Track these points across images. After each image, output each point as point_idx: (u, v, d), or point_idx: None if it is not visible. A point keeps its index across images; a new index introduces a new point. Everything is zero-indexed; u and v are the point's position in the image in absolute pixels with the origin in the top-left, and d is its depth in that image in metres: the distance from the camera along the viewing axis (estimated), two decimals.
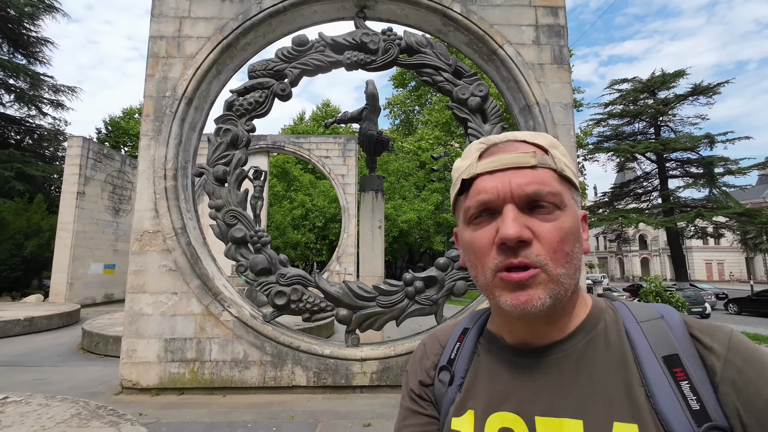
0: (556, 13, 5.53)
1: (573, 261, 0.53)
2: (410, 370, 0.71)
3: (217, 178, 5.13)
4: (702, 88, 26.87)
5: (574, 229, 0.54)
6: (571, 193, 0.56)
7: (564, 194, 0.54)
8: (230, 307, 4.83)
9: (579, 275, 0.55)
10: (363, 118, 6.98)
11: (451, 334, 0.69)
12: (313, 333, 7.65)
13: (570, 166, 0.57)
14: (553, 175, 0.54)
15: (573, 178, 0.57)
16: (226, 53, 5.40)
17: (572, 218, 0.54)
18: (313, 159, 13.79)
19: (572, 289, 0.54)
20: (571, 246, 0.53)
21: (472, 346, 0.64)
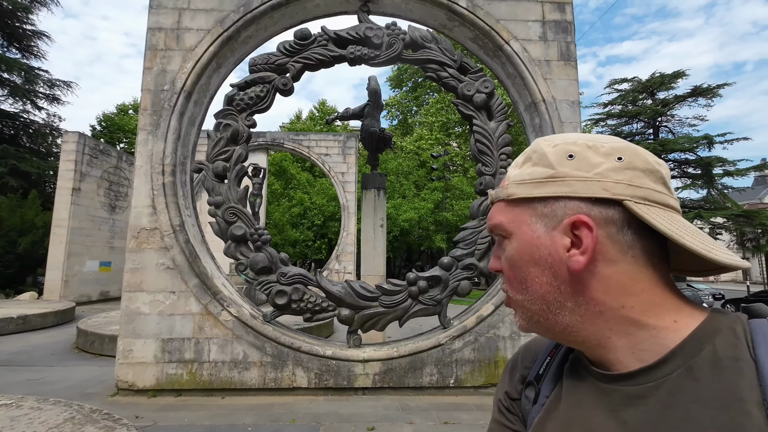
0: (563, 8, 5.44)
1: (529, 287, 0.50)
2: (502, 378, 0.67)
3: (217, 174, 5.00)
4: (702, 89, 26.90)
5: (522, 254, 0.50)
6: (527, 212, 0.51)
7: (507, 223, 0.52)
8: (230, 307, 4.72)
9: (559, 301, 0.49)
10: (365, 115, 6.87)
11: (545, 346, 0.64)
12: (312, 333, 7.55)
13: (531, 177, 0.51)
14: (501, 206, 0.53)
15: (528, 193, 0.50)
16: (226, 46, 5.27)
17: (519, 244, 0.51)
18: (312, 156, 13.64)
19: (555, 313, 0.49)
20: (522, 272, 0.51)
21: (561, 362, 0.59)
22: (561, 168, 0.49)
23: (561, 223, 0.48)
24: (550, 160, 0.50)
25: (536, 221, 0.50)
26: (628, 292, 0.47)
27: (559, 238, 0.48)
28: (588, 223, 0.46)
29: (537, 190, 0.50)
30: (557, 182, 0.49)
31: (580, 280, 0.48)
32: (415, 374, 4.69)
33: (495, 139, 5.21)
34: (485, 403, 4.48)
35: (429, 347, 4.76)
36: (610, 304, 0.47)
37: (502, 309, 4.88)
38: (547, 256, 0.49)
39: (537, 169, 0.50)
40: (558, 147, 0.50)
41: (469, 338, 4.80)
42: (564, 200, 0.48)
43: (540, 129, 5.31)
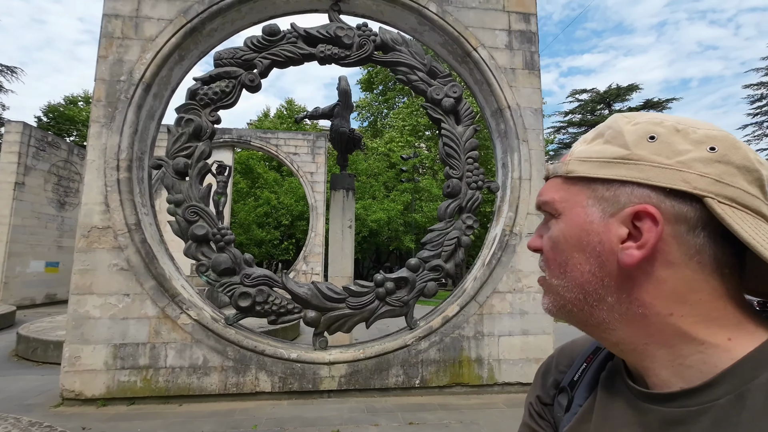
0: (528, 19, 5.64)
1: (568, 273, 0.46)
2: (534, 381, 0.64)
3: (178, 171, 4.79)
4: (653, 102, 28.85)
5: (569, 237, 0.46)
6: (585, 193, 0.46)
7: (559, 201, 0.48)
8: (189, 310, 4.52)
9: (599, 293, 0.44)
10: (335, 115, 6.81)
11: (582, 351, 0.59)
12: (278, 335, 7.39)
13: (599, 155, 0.45)
14: (556, 182, 0.49)
15: (591, 173, 0.45)
16: (190, 38, 5.06)
17: (567, 225, 0.46)
18: (280, 155, 13.35)
19: (591, 305, 0.45)
20: (564, 256, 0.46)
21: (598, 370, 0.54)
22: (637, 150, 0.43)
23: (621, 211, 0.43)
24: (626, 140, 0.44)
25: (593, 204, 0.45)
26: (682, 300, 0.42)
27: (615, 226, 0.43)
28: (654, 215, 0.40)
29: (602, 170, 0.44)
30: (628, 165, 0.43)
31: (629, 276, 0.43)
32: (381, 375, 4.69)
33: (462, 143, 5.32)
34: (449, 402, 4.56)
35: (395, 348, 4.78)
36: (657, 309, 0.42)
37: (466, 309, 4.99)
38: (596, 243, 0.44)
39: (608, 148, 0.45)
40: (639, 126, 0.45)
41: (434, 339, 4.86)
42: (631, 186, 0.43)
43: (505, 134, 5.48)
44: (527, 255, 5.17)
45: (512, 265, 5.12)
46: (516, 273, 5.11)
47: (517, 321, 5.03)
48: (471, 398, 4.72)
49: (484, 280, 5.07)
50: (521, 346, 4.99)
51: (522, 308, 5.06)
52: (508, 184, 5.37)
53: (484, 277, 5.08)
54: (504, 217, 5.28)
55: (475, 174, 5.30)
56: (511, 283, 5.09)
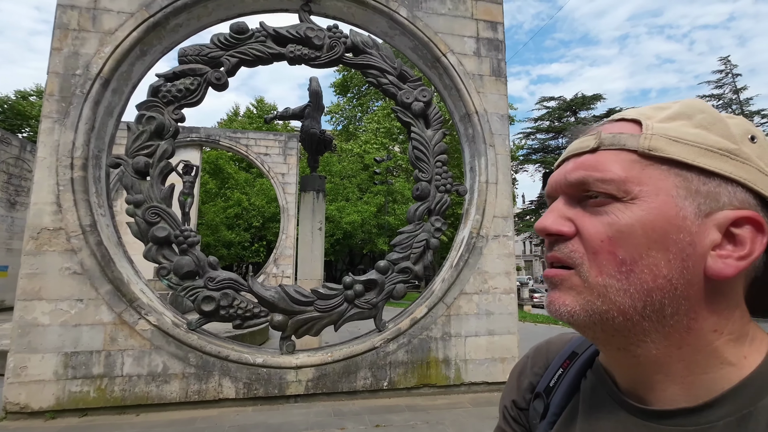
0: (496, 28, 5.81)
1: (636, 274, 0.37)
2: (508, 383, 0.59)
3: (138, 170, 4.60)
4: (615, 112, 30.23)
5: (650, 229, 0.37)
6: (672, 180, 0.38)
7: (634, 182, 0.38)
8: (148, 315, 4.34)
9: (662, 303, 0.37)
10: (305, 116, 6.74)
11: (560, 352, 0.56)
12: (245, 340, 7.21)
13: (699, 140, 0.38)
14: (626, 158, 0.39)
15: (689, 158, 0.38)
16: (152, 33, 4.88)
17: (650, 215, 0.37)
18: (251, 156, 13.06)
19: (643, 316, 0.38)
20: (630, 252, 0.38)
21: (576, 378, 0.50)
22: (744, 147, 0.38)
23: (719, 212, 0.37)
24: (732, 132, 0.39)
25: (686, 196, 0.37)
26: (728, 317, 0.38)
27: (710, 228, 0.37)
28: (763, 226, 0.36)
29: (703, 159, 0.37)
30: (736, 162, 0.37)
31: (710, 288, 0.37)
32: (349, 379, 4.67)
33: (431, 146, 5.40)
34: (417, 403, 4.59)
35: (364, 351, 4.77)
36: (707, 324, 0.38)
37: (434, 311, 5.05)
38: (686, 244, 0.37)
39: (708, 135, 0.38)
40: (737, 121, 0.40)
41: (402, 340, 4.89)
42: (735, 186, 0.37)
43: (473, 139, 5.61)
44: (493, 257, 5.29)
45: (479, 267, 5.23)
46: (482, 274, 5.23)
47: (483, 321, 5.14)
48: (438, 399, 4.77)
49: (451, 282, 5.15)
50: (487, 346, 5.10)
51: (488, 309, 5.18)
52: (476, 188, 5.48)
53: (451, 278, 5.16)
54: (471, 219, 5.39)
55: (444, 177, 5.39)
56: (478, 284, 5.20)
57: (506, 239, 5.38)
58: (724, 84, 31.95)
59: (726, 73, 32.04)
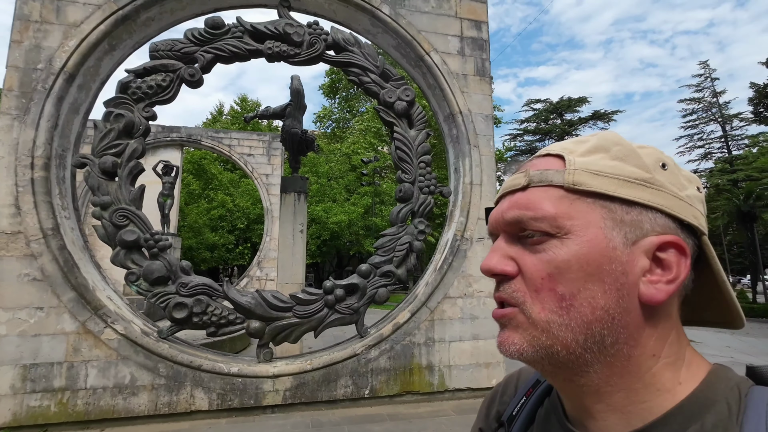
0: (480, 27, 5.72)
1: (575, 308, 0.38)
2: (479, 411, 0.60)
3: (105, 170, 4.36)
4: (600, 114, 30.79)
5: (585, 263, 0.38)
6: (598, 212, 0.39)
7: (564, 217, 0.39)
8: (115, 323, 4.11)
9: (602, 334, 0.38)
10: (287, 115, 6.56)
11: (526, 381, 0.56)
12: (224, 347, 6.99)
13: (617, 172, 0.40)
14: (554, 194, 0.40)
15: (610, 190, 0.39)
16: (122, 27, 4.66)
17: (583, 249, 0.38)
18: (233, 156, 12.76)
19: (585, 349, 0.38)
20: (569, 287, 0.38)
21: (535, 406, 0.51)
22: (656, 175, 0.40)
23: (644, 239, 0.38)
24: (645, 161, 0.40)
25: (612, 227, 0.39)
26: (665, 339, 0.39)
27: (638, 255, 0.38)
28: (685, 248, 0.38)
29: (623, 189, 0.39)
30: (651, 189, 0.39)
31: (645, 314, 0.38)
32: (329, 387, 4.50)
33: (415, 147, 5.27)
34: (399, 412, 4.45)
35: (344, 358, 4.61)
36: (645, 349, 0.39)
37: (418, 315, 4.92)
38: (619, 274, 0.38)
39: (625, 166, 0.40)
40: (648, 150, 0.42)
41: (385, 346, 4.75)
42: (654, 212, 0.39)
43: (457, 140, 5.51)
44: (478, 260, 5.19)
45: (463, 270, 5.12)
46: (467, 278, 5.12)
47: (468, 326, 5.03)
48: (421, 406, 4.64)
49: (435, 286, 5.03)
50: (471, 351, 4.99)
51: (472, 313, 5.07)
52: (460, 189, 5.38)
53: (435, 282, 5.04)
54: (455, 222, 5.28)
55: (428, 178, 5.27)
56: (462, 288, 5.09)
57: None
58: (704, 88, 32.75)
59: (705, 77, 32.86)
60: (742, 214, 19.99)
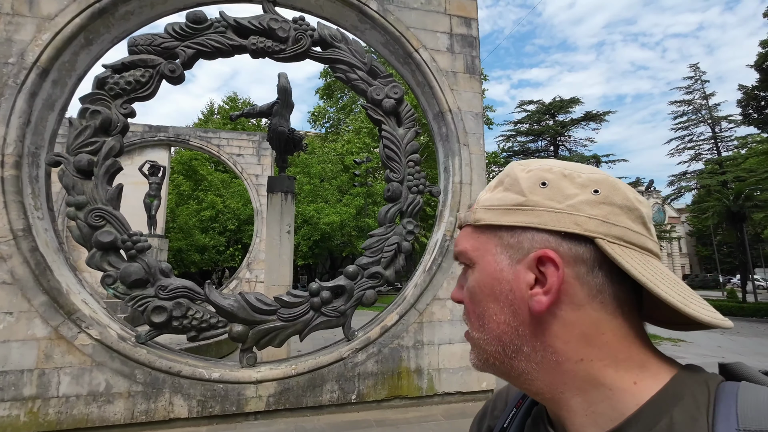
0: (470, 24, 5.64)
1: (486, 325, 0.45)
2: (471, 426, 0.63)
3: (80, 169, 4.19)
4: (592, 115, 30.97)
5: (483, 287, 0.45)
6: (493, 241, 0.46)
7: (472, 250, 0.47)
8: (90, 328, 3.94)
9: (515, 344, 0.44)
10: (273, 113, 6.42)
11: (515, 394, 0.58)
12: (210, 351, 6.83)
13: (501, 203, 0.46)
14: (468, 231, 0.49)
15: (495, 220, 0.46)
16: (99, 20, 4.50)
17: (481, 275, 0.46)
18: (222, 156, 12.55)
19: (510, 357, 0.44)
20: (481, 307, 0.46)
21: (524, 416, 0.53)
22: (532, 196, 0.45)
23: (526, 257, 0.43)
24: (522, 187, 0.46)
25: (501, 252, 0.45)
26: (590, 343, 0.42)
27: (523, 273, 0.43)
28: (554, 259, 0.42)
29: (505, 217, 0.45)
30: (526, 211, 0.44)
31: (540, 322, 0.43)
32: (314, 392, 4.36)
33: (403, 145, 5.17)
34: (386, 417, 4.33)
35: (330, 362, 4.48)
36: (568, 355, 0.42)
37: (406, 318, 4.80)
38: (507, 292, 0.44)
39: (508, 195, 0.46)
40: (532, 173, 0.46)
41: (372, 350, 4.62)
42: (532, 231, 0.44)
43: (446, 138, 5.41)
44: None
45: (453, 271, 5.01)
46: (456, 279, 5.01)
47: (458, 328, 4.92)
48: (409, 411, 4.52)
49: (424, 287, 4.92)
50: (461, 354, 4.88)
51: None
52: (450, 189, 5.28)
53: (424, 283, 4.93)
54: (445, 222, 5.18)
55: (417, 178, 5.17)
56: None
57: None
58: (694, 90, 33.10)
59: (695, 80, 33.20)
60: (732, 215, 20.18)
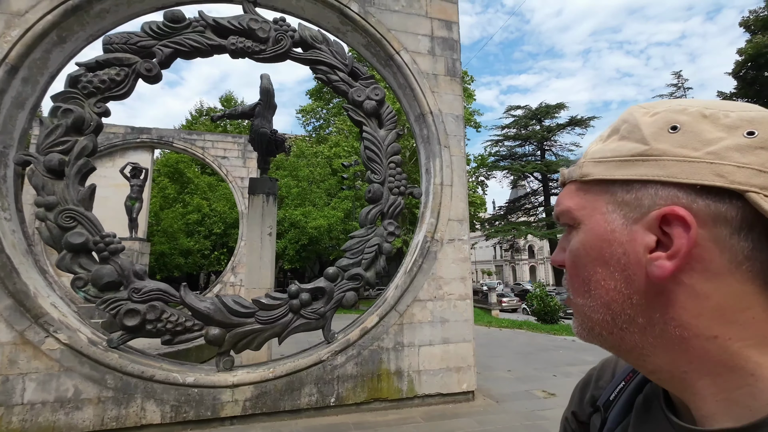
0: (451, 27, 5.68)
1: (593, 291, 0.40)
2: (572, 394, 0.60)
3: (50, 168, 4.09)
4: (577, 120, 31.51)
5: (590, 249, 0.40)
6: (603, 198, 0.40)
7: (576, 209, 0.42)
8: (58, 332, 3.82)
9: (627, 314, 0.38)
10: (256, 114, 6.37)
11: (624, 366, 0.54)
12: (190, 355, 6.70)
13: (615, 154, 0.40)
14: (571, 189, 0.44)
15: (608, 174, 0.40)
16: (72, 17, 4.41)
17: (587, 236, 0.41)
18: (207, 158, 12.40)
19: (620, 328, 0.39)
20: (586, 272, 0.41)
21: (634, 392, 0.49)
22: (657, 144, 0.38)
23: (646, 216, 0.37)
24: (643, 133, 0.39)
25: (613, 210, 0.39)
26: (729, 319, 0.35)
27: (640, 234, 0.37)
28: (685, 218, 0.35)
29: (620, 170, 0.39)
30: (648, 162, 0.38)
31: (661, 292, 0.37)
32: (292, 396, 4.30)
33: (384, 147, 5.16)
34: (365, 420, 4.28)
35: (309, 365, 4.42)
36: (698, 330, 0.36)
37: (386, 320, 4.77)
38: (620, 255, 0.38)
39: (624, 144, 0.40)
40: (658, 116, 0.39)
41: (352, 352, 4.58)
42: (655, 186, 0.37)
43: (428, 140, 5.42)
44: (448, 261, 5.10)
45: (433, 272, 5.01)
46: (437, 280, 5.01)
47: (438, 330, 4.91)
48: (389, 414, 4.48)
49: (405, 288, 4.90)
50: (442, 356, 4.87)
51: (443, 316, 4.96)
52: (431, 190, 5.29)
53: (405, 285, 4.91)
54: (426, 223, 5.18)
55: (398, 179, 5.16)
56: (432, 290, 4.97)
57: (461, 243, 5.20)
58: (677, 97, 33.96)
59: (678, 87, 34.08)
60: None
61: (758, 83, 21.58)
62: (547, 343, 9.25)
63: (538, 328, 11.86)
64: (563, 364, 6.90)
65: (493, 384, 5.64)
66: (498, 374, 6.24)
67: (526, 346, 8.78)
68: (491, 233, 32.54)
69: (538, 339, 9.91)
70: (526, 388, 5.42)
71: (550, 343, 9.15)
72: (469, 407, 4.72)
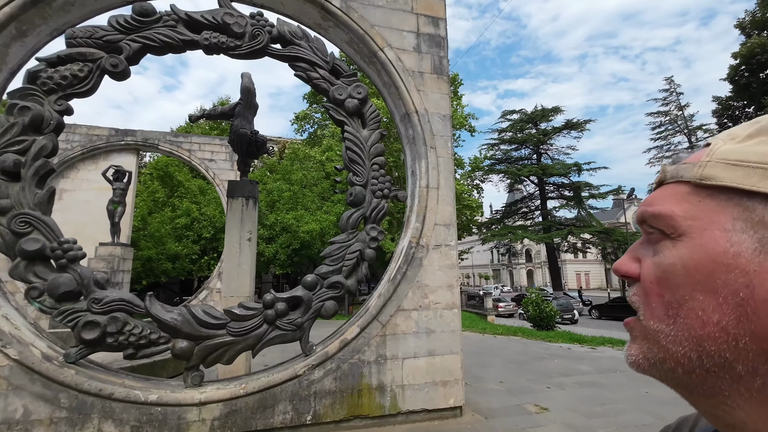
0: (437, 23, 5.46)
1: (681, 319, 0.33)
2: None
3: (4, 170, 3.81)
4: (573, 123, 31.47)
5: (696, 269, 0.32)
6: (729, 211, 0.32)
7: (683, 217, 0.34)
8: (8, 347, 3.52)
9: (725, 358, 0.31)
10: (236, 115, 6.11)
11: (704, 427, 0.45)
12: (167, 367, 6.39)
13: (756, 160, 0.31)
14: (677, 190, 0.36)
15: (748, 184, 0.31)
16: (33, 10, 4.16)
17: (695, 253, 0.33)
18: (193, 161, 12.11)
19: (705, 370, 0.32)
20: (678, 294, 0.33)
21: None
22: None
23: None
24: None
25: (744, 230, 0.31)
26: None
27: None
28: None
29: (765, 182, 0.31)
30: None
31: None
32: (265, 414, 4.01)
33: (367, 147, 4.92)
34: None
35: (284, 380, 4.13)
36: None
37: (368, 331, 4.50)
38: (741, 287, 0.31)
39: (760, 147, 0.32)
40: None
41: (330, 366, 4.29)
42: None
43: (413, 140, 5.18)
44: (434, 268, 4.83)
45: (418, 280, 4.74)
46: (422, 288, 4.74)
47: (423, 341, 4.64)
48: None
49: (388, 297, 4.63)
50: (427, 369, 4.59)
51: (428, 326, 4.69)
52: (416, 193, 5.04)
53: (388, 293, 4.64)
54: (411, 228, 4.92)
55: (381, 181, 4.91)
56: (417, 299, 4.70)
57: (448, 249, 4.94)
58: (670, 102, 34.04)
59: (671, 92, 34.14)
60: None
61: (752, 87, 21.58)
62: (541, 351, 8.98)
63: (534, 335, 11.59)
64: (557, 374, 6.63)
65: (482, 397, 5.37)
66: (489, 386, 5.96)
67: (519, 355, 8.51)
68: (488, 237, 32.34)
69: (533, 347, 9.63)
70: (518, 402, 5.14)
71: (544, 352, 8.88)
72: (456, 424, 4.44)
